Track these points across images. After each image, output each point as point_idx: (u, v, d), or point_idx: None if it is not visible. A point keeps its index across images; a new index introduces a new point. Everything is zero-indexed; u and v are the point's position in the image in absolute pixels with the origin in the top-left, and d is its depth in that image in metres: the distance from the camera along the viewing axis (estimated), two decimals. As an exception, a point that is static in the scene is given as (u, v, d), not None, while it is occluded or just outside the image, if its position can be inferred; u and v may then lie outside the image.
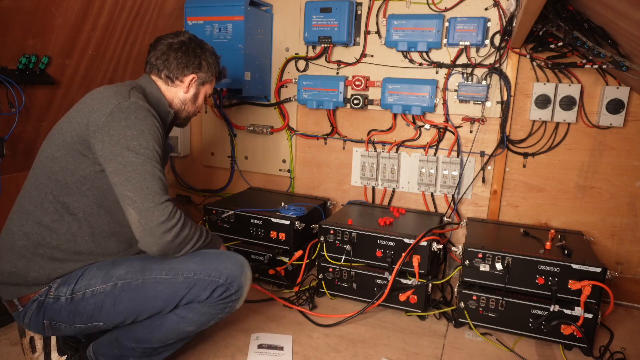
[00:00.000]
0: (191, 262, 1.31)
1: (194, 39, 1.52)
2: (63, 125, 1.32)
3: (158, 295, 1.28)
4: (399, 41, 2.20)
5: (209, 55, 1.54)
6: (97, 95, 1.32)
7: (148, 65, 1.50)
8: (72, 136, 1.27)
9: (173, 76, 1.48)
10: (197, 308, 1.31)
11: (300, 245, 2.10)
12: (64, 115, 1.36)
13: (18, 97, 2.08)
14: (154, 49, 1.49)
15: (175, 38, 1.48)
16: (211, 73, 1.56)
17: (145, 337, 1.34)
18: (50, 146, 1.31)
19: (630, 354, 1.70)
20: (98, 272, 1.30)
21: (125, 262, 1.33)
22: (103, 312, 1.29)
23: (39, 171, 1.32)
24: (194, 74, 1.51)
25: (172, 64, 1.46)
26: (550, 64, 2.02)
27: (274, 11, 2.47)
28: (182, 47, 1.48)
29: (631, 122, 2.02)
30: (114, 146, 1.22)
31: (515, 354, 1.68)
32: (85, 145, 1.26)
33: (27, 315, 1.30)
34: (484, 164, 2.23)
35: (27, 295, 1.29)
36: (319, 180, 2.57)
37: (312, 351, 1.66)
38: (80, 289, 1.27)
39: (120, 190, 1.22)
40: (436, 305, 1.94)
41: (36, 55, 2.08)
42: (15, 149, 2.29)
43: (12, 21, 1.90)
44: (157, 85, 1.47)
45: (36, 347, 1.43)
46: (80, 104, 1.34)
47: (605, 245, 2.13)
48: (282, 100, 2.53)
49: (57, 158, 1.28)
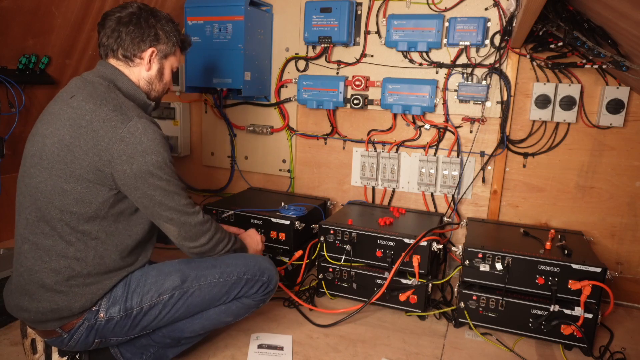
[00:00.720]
0: (237, 264, 1.42)
1: (144, 8, 1.35)
2: (61, 154, 1.19)
3: (215, 297, 1.38)
4: (399, 41, 2.20)
5: (165, 23, 1.38)
6: (92, 116, 1.20)
7: (102, 48, 1.35)
8: (82, 167, 1.19)
9: (130, 54, 1.33)
10: (242, 301, 1.45)
11: (300, 245, 2.10)
12: (37, 136, 1.24)
13: (18, 97, 2.08)
14: (102, 28, 1.33)
15: (123, 11, 1.32)
16: (172, 43, 1.40)
17: (182, 327, 1.41)
18: (52, 178, 1.20)
19: (630, 354, 1.70)
20: (147, 285, 1.32)
21: (175, 271, 1.35)
22: (158, 321, 1.34)
23: (46, 205, 1.22)
24: (153, 47, 1.35)
25: (126, 41, 1.31)
26: (550, 64, 2.02)
27: (274, 11, 2.47)
28: (133, 19, 1.32)
29: (631, 122, 2.02)
30: (136, 175, 1.20)
31: (515, 354, 1.68)
32: (101, 175, 1.20)
33: (73, 339, 1.28)
34: (484, 164, 2.23)
35: (70, 322, 1.27)
36: (319, 180, 2.57)
37: (312, 351, 1.66)
38: (135, 305, 1.29)
39: (153, 212, 1.27)
40: (436, 305, 1.94)
41: (36, 55, 2.08)
42: (15, 149, 2.29)
43: (12, 21, 1.90)
44: (122, 72, 1.33)
45: (37, 349, 1.43)
46: (69, 127, 1.20)
47: (605, 245, 2.13)
48: (282, 100, 2.53)
49: (68, 191, 1.20)
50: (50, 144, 1.20)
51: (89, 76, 1.31)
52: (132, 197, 1.25)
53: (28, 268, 1.24)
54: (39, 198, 1.22)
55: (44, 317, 1.24)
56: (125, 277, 1.31)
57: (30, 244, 1.24)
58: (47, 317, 1.24)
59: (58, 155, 1.19)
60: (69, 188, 1.20)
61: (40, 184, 1.22)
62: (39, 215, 1.23)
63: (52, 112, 1.25)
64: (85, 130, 1.18)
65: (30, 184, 1.23)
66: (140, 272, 1.34)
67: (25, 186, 1.25)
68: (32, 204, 1.23)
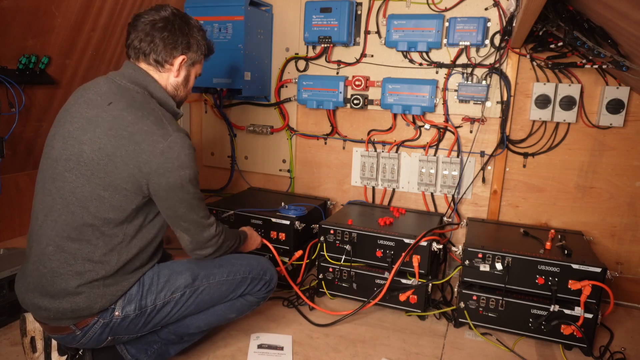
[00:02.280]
0: (242, 264, 1.50)
1: (177, 14, 1.36)
2: (101, 163, 1.21)
3: (223, 294, 1.46)
4: (399, 41, 2.20)
5: (197, 31, 1.40)
6: (134, 128, 1.22)
7: (132, 50, 1.34)
8: (121, 177, 1.21)
9: (162, 59, 1.34)
10: (247, 298, 1.52)
11: (300, 245, 2.10)
12: (70, 139, 1.24)
13: (18, 97, 2.08)
14: (134, 29, 1.32)
15: (157, 15, 1.32)
16: (200, 52, 1.43)
17: (188, 323, 1.45)
18: (90, 185, 1.21)
19: (630, 354, 1.70)
20: (160, 283, 1.35)
21: (186, 270, 1.40)
22: (169, 318, 1.38)
23: (80, 210, 1.22)
24: (184, 54, 1.37)
25: (159, 46, 1.32)
26: (550, 64, 2.02)
27: (274, 11, 2.47)
28: (167, 25, 1.32)
29: (631, 122, 2.02)
30: (169, 187, 1.25)
31: (515, 354, 1.68)
32: (138, 185, 1.24)
33: (86, 336, 1.29)
34: (484, 164, 2.23)
35: (85, 320, 1.28)
36: (319, 180, 2.57)
37: (312, 351, 1.66)
38: (149, 304, 1.33)
39: (174, 221, 1.33)
40: (436, 305, 1.94)
41: (36, 55, 2.08)
42: (15, 149, 2.29)
43: (12, 21, 1.90)
44: (153, 78, 1.35)
45: (37, 347, 1.43)
46: (111, 137, 1.21)
47: (605, 245, 2.13)
48: (282, 100, 2.53)
49: (105, 198, 1.22)
50: (90, 151, 1.21)
51: (122, 80, 1.31)
52: (160, 206, 1.30)
53: (52, 270, 1.24)
54: (72, 202, 1.22)
55: (63, 316, 1.25)
56: (141, 277, 1.34)
57: (55, 246, 1.24)
58: (66, 315, 1.25)
59: (98, 164, 1.21)
60: (107, 195, 1.22)
61: (76, 189, 1.22)
62: (70, 219, 1.23)
63: (88, 117, 1.24)
64: (127, 141, 1.20)
65: (64, 188, 1.23)
66: (151, 271, 1.36)
67: (56, 189, 1.24)
68: (64, 207, 1.23)
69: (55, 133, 1.29)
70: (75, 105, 1.29)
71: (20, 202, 2.44)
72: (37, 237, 1.27)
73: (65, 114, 1.29)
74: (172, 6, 1.37)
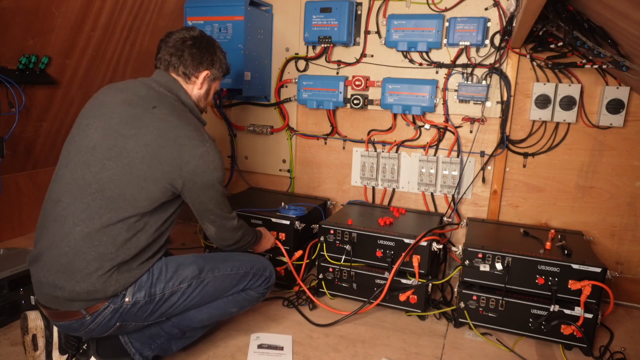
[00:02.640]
0: (244, 260, 1.59)
1: (204, 35, 1.56)
2: (145, 157, 1.33)
3: (226, 288, 1.53)
4: (399, 41, 2.20)
5: (219, 51, 1.60)
6: (179, 132, 1.36)
7: (162, 63, 1.51)
8: (162, 172, 1.34)
9: (189, 72, 1.51)
10: (248, 293, 1.60)
11: (300, 245, 2.10)
12: (113, 133, 1.34)
13: (18, 97, 2.08)
14: (166, 45, 1.51)
15: (187, 33, 1.52)
16: (221, 69, 1.61)
17: (191, 316, 1.50)
18: (132, 174, 1.32)
19: (630, 354, 1.70)
20: (169, 273, 1.42)
21: (192, 263, 1.48)
22: (174, 308, 1.44)
23: (116, 197, 1.31)
24: (208, 69, 1.54)
25: (188, 60, 1.50)
26: (550, 64, 2.03)
27: (274, 11, 2.47)
28: (196, 42, 1.51)
29: (631, 122, 2.02)
30: (203, 186, 1.41)
31: (515, 354, 1.68)
32: (174, 181, 1.37)
33: (95, 321, 1.33)
34: (484, 164, 2.23)
35: (95, 305, 1.32)
36: (319, 180, 2.57)
37: (312, 351, 1.66)
38: (158, 292, 1.39)
39: (201, 214, 1.49)
40: (436, 305, 1.94)
41: (36, 55, 2.08)
42: (15, 149, 2.29)
43: (12, 21, 1.90)
44: (182, 87, 1.51)
45: (38, 345, 1.43)
46: (157, 136, 1.34)
47: (605, 245, 2.13)
48: (282, 100, 2.53)
49: (143, 188, 1.33)
50: (135, 145, 1.33)
51: (158, 87, 1.46)
52: (191, 201, 1.44)
53: (75, 249, 1.29)
54: (110, 188, 1.31)
55: (77, 297, 1.29)
56: (151, 266, 1.41)
57: (83, 226, 1.30)
58: (80, 297, 1.29)
59: (143, 158, 1.33)
60: (145, 186, 1.33)
61: (115, 176, 1.32)
62: (104, 204, 1.31)
63: (133, 115, 1.36)
64: (173, 142, 1.35)
65: (102, 174, 1.32)
66: (160, 262, 1.43)
67: (91, 174, 1.32)
68: (99, 191, 1.31)
69: (89, 124, 1.37)
70: (112, 102, 1.40)
71: (20, 202, 2.44)
72: (59, 217, 1.32)
73: (102, 108, 1.39)
74: (197, 28, 1.58)
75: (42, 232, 1.35)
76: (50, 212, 1.34)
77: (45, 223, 1.34)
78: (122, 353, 1.45)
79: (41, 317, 1.46)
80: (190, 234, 2.68)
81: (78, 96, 2.41)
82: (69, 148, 1.38)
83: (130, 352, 1.45)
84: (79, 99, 2.43)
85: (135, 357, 1.45)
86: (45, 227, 1.34)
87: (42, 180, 2.54)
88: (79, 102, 2.44)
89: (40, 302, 1.37)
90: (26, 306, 1.78)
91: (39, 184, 2.52)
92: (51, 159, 2.56)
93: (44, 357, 1.45)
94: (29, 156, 2.41)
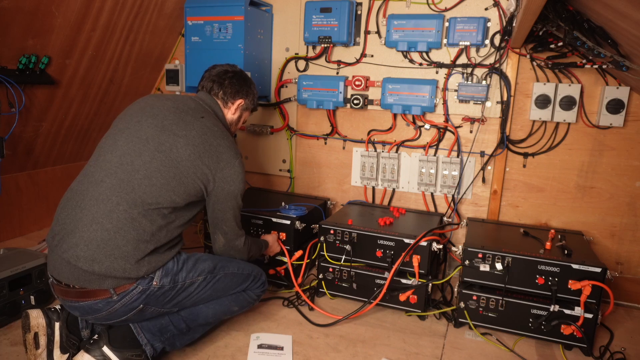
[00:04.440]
0: (246, 263, 1.73)
1: (243, 72, 1.81)
2: (191, 156, 1.48)
3: (232, 286, 1.64)
4: (399, 41, 2.20)
5: (254, 87, 1.83)
6: (220, 142, 1.55)
7: (205, 87, 1.74)
8: (202, 173, 1.50)
9: (227, 99, 1.73)
10: (248, 293, 1.71)
11: (301, 245, 2.10)
12: (167, 131, 1.49)
13: (18, 97, 2.08)
14: (210, 74, 1.75)
15: (230, 67, 1.78)
16: (253, 102, 1.83)
17: (198, 312, 1.59)
18: (178, 168, 1.46)
19: (630, 354, 1.70)
20: (190, 264, 1.53)
21: (208, 259, 1.60)
22: (189, 298, 1.53)
23: (161, 183, 1.44)
24: (243, 99, 1.76)
25: (227, 88, 1.72)
26: (550, 64, 2.03)
27: (274, 11, 2.47)
28: (235, 75, 1.75)
29: (631, 122, 2.02)
30: (229, 193, 1.57)
31: (515, 354, 1.68)
32: (206, 184, 1.52)
33: (121, 301, 1.39)
34: (484, 164, 2.23)
35: (124, 286, 1.39)
36: (319, 180, 2.57)
37: (312, 351, 1.66)
38: (180, 280, 1.49)
39: (217, 223, 1.61)
40: (436, 305, 1.94)
41: (36, 55, 2.08)
42: (15, 149, 2.29)
43: (12, 21, 1.90)
44: (222, 110, 1.72)
45: (40, 344, 1.43)
46: (202, 142, 1.51)
47: (605, 245, 2.13)
48: (282, 100, 2.53)
49: (183, 183, 1.47)
50: (184, 143, 1.49)
51: (203, 104, 1.67)
52: (213, 207, 1.58)
53: (118, 226, 1.38)
54: (156, 177, 1.44)
55: (112, 273, 1.36)
56: (175, 255, 1.51)
57: (127, 206, 1.40)
58: (114, 274, 1.36)
59: (189, 156, 1.48)
60: (185, 182, 1.48)
61: (163, 167, 1.45)
62: (149, 190, 1.42)
63: (184, 120, 1.54)
64: (214, 149, 1.53)
65: (152, 164, 1.45)
66: (181, 255, 1.55)
67: (141, 162, 1.45)
68: (147, 179, 1.43)
69: (141, 121, 1.51)
70: (164, 107, 1.56)
71: (20, 202, 2.44)
72: (102, 196, 1.40)
73: (153, 110, 1.55)
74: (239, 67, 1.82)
75: (75, 210, 1.41)
76: (91, 191, 1.41)
77: (82, 202, 1.41)
78: (133, 343, 1.47)
79: (43, 315, 1.47)
80: (190, 234, 2.68)
81: (78, 96, 2.41)
82: (117, 138, 1.49)
83: (142, 342, 1.48)
84: (79, 99, 2.43)
85: (147, 347, 1.48)
86: (81, 205, 1.40)
87: (42, 180, 2.54)
88: (79, 102, 2.45)
89: (62, 281, 1.39)
90: (26, 306, 1.78)
91: (39, 184, 2.52)
92: (51, 159, 2.56)
93: (45, 355, 1.45)
94: (29, 156, 2.41)
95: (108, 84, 2.52)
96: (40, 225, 2.56)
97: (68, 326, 1.51)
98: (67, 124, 2.47)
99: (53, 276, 1.42)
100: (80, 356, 1.40)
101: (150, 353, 1.48)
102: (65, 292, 1.40)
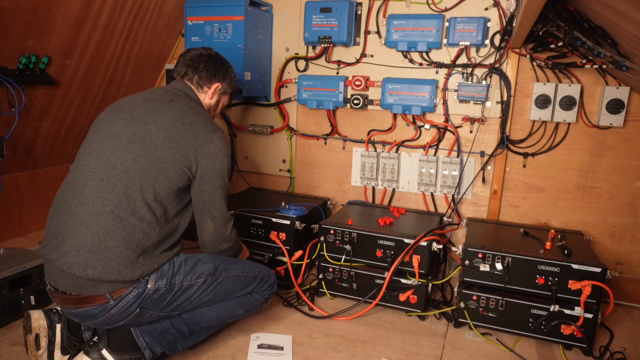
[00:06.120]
0: (252, 265, 1.68)
1: (219, 55, 1.76)
2: (165, 140, 1.44)
3: (236, 288, 1.60)
4: (399, 41, 2.20)
5: (231, 70, 1.78)
6: (194, 118, 1.51)
7: (179, 72, 1.69)
8: (181, 155, 1.45)
9: (202, 83, 1.68)
10: (254, 296, 1.67)
11: (301, 245, 2.10)
12: (136, 120, 1.46)
13: (18, 97, 2.08)
14: (184, 58, 1.69)
15: (204, 51, 1.72)
16: (231, 86, 1.78)
17: (201, 315, 1.56)
18: (154, 155, 1.42)
19: (630, 354, 1.70)
20: (188, 267, 1.49)
21: (209, 261, 1.55)
22: (189, 302, 1.49)
23: (139, 174, 1.40)
24: (219, 82, 1.71)
25: (202, 72, 1.67)
26: (550, 64, 2.03)
27: (274, 11, 2.47)
28: (211, 58, 1.70)
29: (631, 122, 2.02)
30: (214, 170, 1.51)
31: (515, 354, 1.68)
32: (189, 163, 1.47)
33: (117, 306, 1.37)
34: (484, 164, 2.23)
35: (120, 290, 1.36)
36: (319, 180, 2.57)
37: (312, 351, 1.66)
38: (177, 282, 1.45)
39: (204, 207, 1.54)
40: (436, 305, 1.94)
41: (36, 55, 2.08)
42: (15, 149, 2.29)
43: (12, 21, 1.90)
44: (196, 94, 1.67)
45: (41, 345, 1.43)
46: (175, 122, 1.47)
47: (605, 245, 2.13)
48: (282, 100, 2.53)
49: (163, 169, 1.43)
50: (156, 129, 1.45)
51: (174, 90, 1.62)
52: (199, 188, 1.51)
53: (106, 228, 1.35)
54: (134, 169, 1.41)
55: (106, 276, 1.33)
56: (171, 258, 1.47)
57: (112, 206, 1.37)
58: (109, 277, 1.33)
59: (163, 140, 1.44)
60: (165, 168, 1.43)
61: (139, 157, 1.42)
62: (129, 184, 1.39)
63: (152, 107, 1.50)
64: (189, 127, 1.48)
65: (127, 157, 1.42)
66: (180, 256, 1.51)
67: (117, 157, 1.42)
68: (125, 172, 1.40)
69: (112, 118, 1.49)
70: (132, 100, 1.54)
71: (20, 202, 2.44)
72: (87, 200, 1.37)
73: (122, 106, 1.52)
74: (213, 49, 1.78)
75: (63, 219, 1.38)
76: (76, 197, 1.39)
77: (69, 209, 1.38)
78: (132, 347, 1.46)
79: (44, 316, 1.47)
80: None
81: (78, 96, 2.41)
82: (92, 140, 1.47)
83: (141, 346, 1.46)
84: (79, 99, 2.43)
85: (146, 352, 1.47)
86: (68, 213, 1.38)
87: (42, 180, 2.54)
88: (79, 102, 2.45)
89: (59, 288, 1.38)
90: (26, 306, 1.78)
91: (39, 184, 2.52)
92: (51, 159, 2.56)
93: (45, 356, 1.45)
94: (29, 156, 2.41)
95: (108, 84, 2.52)
96: (40, 225, 2.56)
97: (69, 327, 1.51)
98: (67, 124, 2.47)
99: (50, 284, 1.41)
100: (80, 358, 1.40)
101: (149, 357, 1.47)
102: (63, 299, 1.39)
